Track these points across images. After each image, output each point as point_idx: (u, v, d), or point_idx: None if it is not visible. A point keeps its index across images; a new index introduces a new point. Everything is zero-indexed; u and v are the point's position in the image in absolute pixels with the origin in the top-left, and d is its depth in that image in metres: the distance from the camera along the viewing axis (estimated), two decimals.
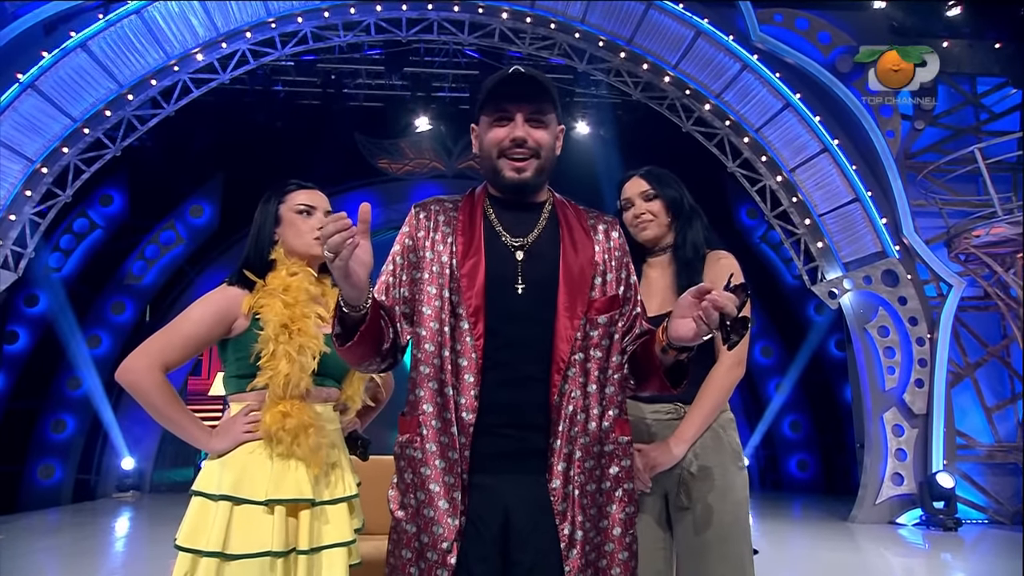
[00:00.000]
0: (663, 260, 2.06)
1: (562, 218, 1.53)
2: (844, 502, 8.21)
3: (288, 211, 1.91)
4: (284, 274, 1.85)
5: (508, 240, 1.48)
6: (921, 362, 7.68)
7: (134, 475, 9.04)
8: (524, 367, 1.40)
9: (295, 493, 1.70)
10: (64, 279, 8.87)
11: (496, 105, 1.47)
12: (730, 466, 1.94)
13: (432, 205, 1.54)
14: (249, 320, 1.80)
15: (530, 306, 1.43)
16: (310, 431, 1.75)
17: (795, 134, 8.03)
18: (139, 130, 7.34)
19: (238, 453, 1.74)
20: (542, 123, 1.48)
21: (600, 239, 1.53)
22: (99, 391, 8.58)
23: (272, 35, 7.47)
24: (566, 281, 1.44)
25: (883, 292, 7.82)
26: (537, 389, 1.39)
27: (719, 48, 7.93)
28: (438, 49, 8.95)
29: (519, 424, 1.39)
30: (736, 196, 9.94)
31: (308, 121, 9.53)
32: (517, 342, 1.41)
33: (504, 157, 1.47)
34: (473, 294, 1.40)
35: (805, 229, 8.03)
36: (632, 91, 8.25)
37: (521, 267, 1.45)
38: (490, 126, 1.48)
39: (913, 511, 7.44)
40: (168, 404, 1.76)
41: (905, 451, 7.59)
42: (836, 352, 9.93)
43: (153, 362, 1.75)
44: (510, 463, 1.38)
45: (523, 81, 1.45)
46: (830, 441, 10.26)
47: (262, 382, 1.76)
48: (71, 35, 6.91)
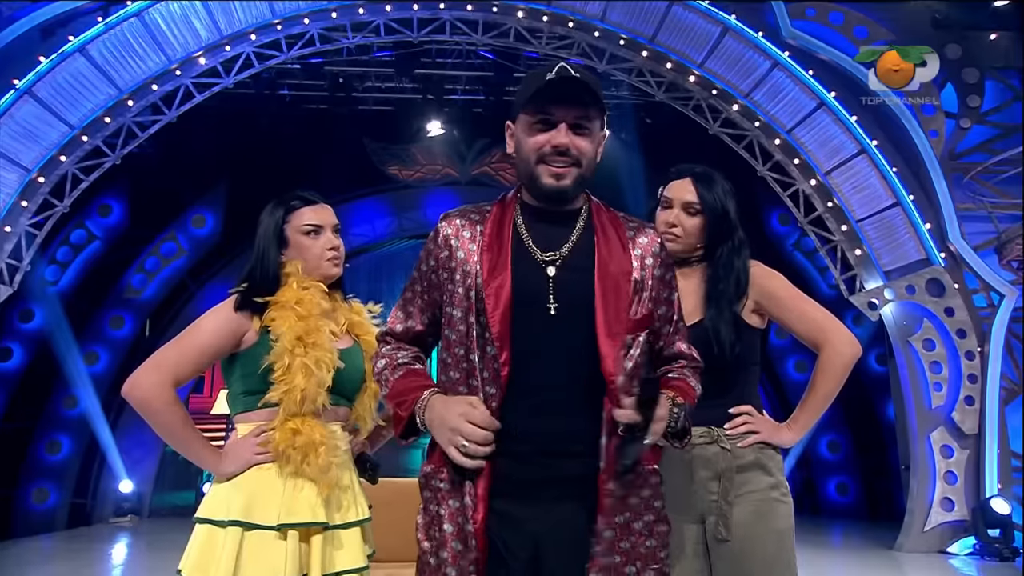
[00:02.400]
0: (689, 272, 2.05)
1: (598, 226, 1.49)
2: (889, 529, 8.04)
3: (294, 232, 1.90)
4: (295, 287, 1.85)
5: (539, 255, 1.44)
6: (971, 378, 7.54)
7: (132, 499, 9.06)
8: (557, 392, 1.38)
9: (309, 517, 1.69)
10: (61, 293, 8.96)
11: (539, 107, 1.43)
12: (771, 493, 1.90)
13: (456, 219, 1.51)
14: (259, 333, 1.79)
15: (564, 326, 1.40)
16: (320, 450, 1.74)
17: (830, 135, 7.95)
18: (139, 137, 7.43)
19: (248, 475, 1.73)
20: (586, 131, 1.44)
21: (639, 253, 1.49)
22: (96, 410, 8.62)
23: (278, 37, 7.55)
24: (603, 296, 1.41)
25: (928, 303, 7.70)
26: (574, 415, 1.37)
27: (748, 45, 7.89)
28: (451, 50, 9.00)
29: (551, 452, 1.38)
30: (767, 201, 9.86)
31: (315, 126, 9.59)
32: (551, 366, 1.38)
33: (543, 163, 1.43)
34: (498, 317, 1.37)
35: (842, 236, 7.94)
36: (655, 92, 8.23)
37: (553, 284, 1.42)
38: (530, 128, 1.44)
39: (965, 539, 7.28)
40: (180, 424, 1.75)
41: (955, 474, 7.44)
42: (877, 367, 9.77)
43: (165, 378, 1.74)
44: (539, 490, 1.37)
45: (571, 84, 1.40)
46: (872, 463, 10.09)
47: (276, 397, 1.75)
48: (69, 39, 7.01)
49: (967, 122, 8.12)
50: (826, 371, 1.96)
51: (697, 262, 2.06)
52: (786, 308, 2.02)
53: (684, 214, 2.01)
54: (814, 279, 10.27)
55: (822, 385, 1.97)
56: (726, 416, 1.94)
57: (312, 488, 1.72)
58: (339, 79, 9.13)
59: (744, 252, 2.03)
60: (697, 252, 2.04)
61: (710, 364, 1.91)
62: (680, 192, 2.03)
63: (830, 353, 1.96)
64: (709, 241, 2.02)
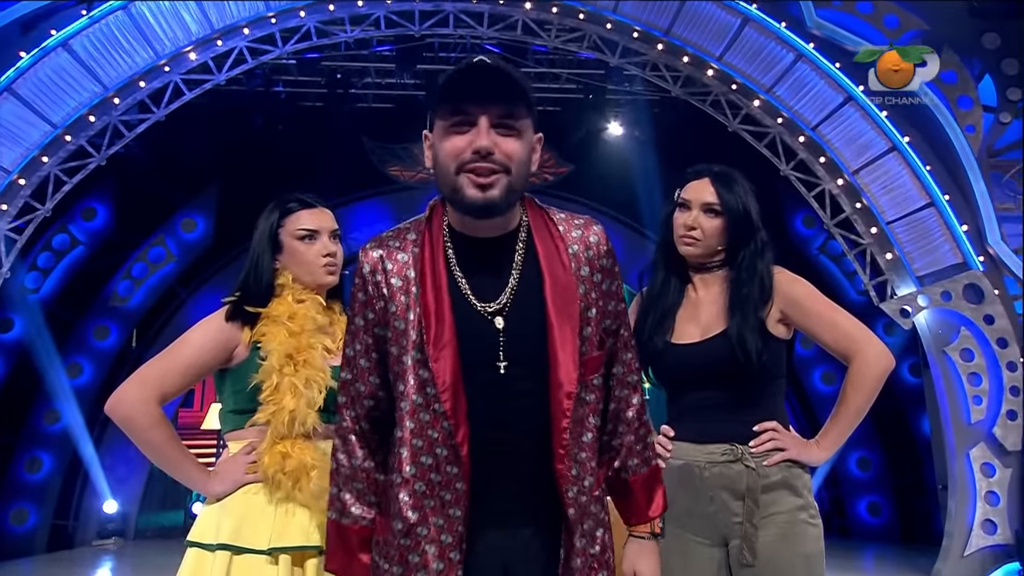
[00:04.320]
0: (710, 278, 2.04)
1: (541, 251, 1.41)
2: (925, 553, 7.96)
3: (289, 237, 1.91)
4: (290, 300, 1.85)
5: (479, 305, 1.37)
6: (1013, 390, 7.47)
7: (117, 520, 9.07)
8: (515, 455, 1.38)
9: (301, 540, 1.69)
10: (42, 301, 9.00)
11: (455, 105, 1.34)
12: (800, 515, 1.89)
13: (383, 259, 1.41)
14: (250, 349, 1.80)
15: (518, 384, 1.37)
16: (312, 473, 1.74)
17: (858, 131, 7.92)
18: (126, 137, 7.46)
19: (237, 496, 1.73)
20: (513, 130, 1.34)
21: (579, 262, 1.43)
22: (79, 426, 8.64)
23: (272, 31, 7.57)
24: (558, 344, 1.36)
25: (965, 310, 7.64)
26: (537, 472, 1.39)
27: (770, 36, 7.88)
28: (454, 44, 9.02)
29: (521, 508, 1.41)
30: (791, 202, 9.82)
31: (311, 125, 9.63)
32: (508, 433, 1.38)
33: (464, 172, 1.33)
34: (449, 391, 1.32)
35: (871, 238, 7.90)
36: (671, 87, 8.22)
37: (502, 339, 1.36)
38: (446, 133, 1.35)
39: (1010, 565, 7.18)
40: (166, 442, 1.76)
41: (997, 494, 7.36)
42: (910, 378, 9.70)
43: (150, 393, 1.75)
44: (512, 527, 1.41)
45: (488, 75, 1.32)
46: (906, 481, 10.01)
47: (263, 418, 1.75)
48: (51, 33, 7.04)
49: (1007, 116, 8.06)
50: (857, 384, 1.95)
51: (717, 267, 2.05)
52: (813, 317, 2.02)
53: (704, 216, 2.01)
54: (841, 285, 10.23)
55: (853, 399, 1.95)
56: (750, 432, 1.93)
57: (305, 511, 1.71)
58: (337, 75, 9.17)
59: (768, 254, 2.02)
60: (717, 257, 2.04)
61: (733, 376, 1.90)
62: (699, 193, 2.02)
63: (861, 365, 1.94)
64: (730, 244, 2.02)
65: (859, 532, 10.12)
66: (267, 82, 9.03)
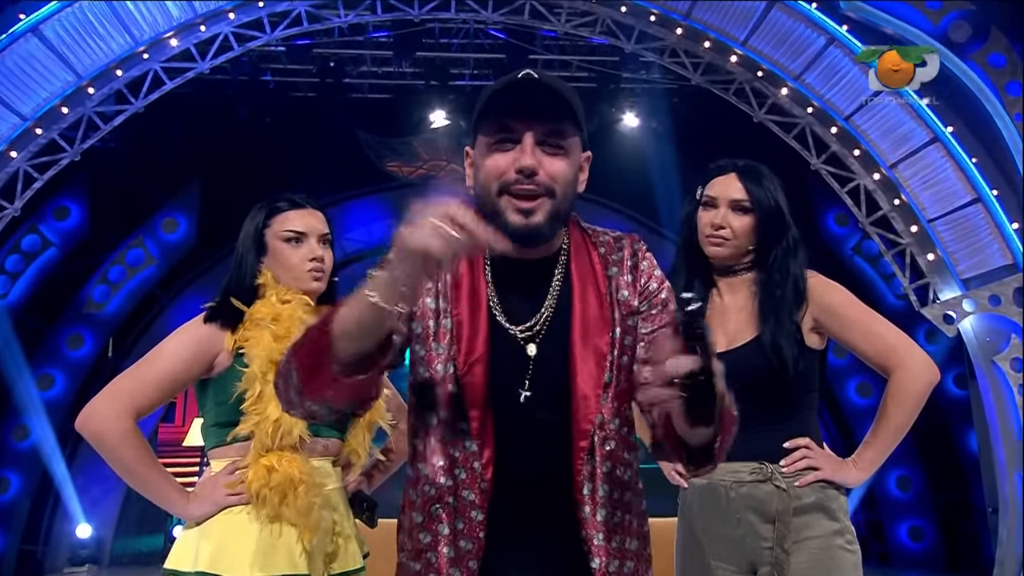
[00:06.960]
0: (737, 282, 2.03)
1: (576, 277, 1.42)
2: None
3: (274, 238, 1.92)
4: (274, 301, 1.85)
5: (510, 328, 1.38)
6: None
7: (91, 545, 9.09)
8: (537, 487, 1.37)
9: (287, 568, 1.69)
10: (10, 307, 9.03)
11: (498, 121, 1.35)
12: (835, 540, 1.89)
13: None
14: (232, 355, 1.80)
15: (537, 414, 1.37)
16: (300, 488, 1.74)
17: (896, 121, 7.91)
18: (102, 130, 7.50)
19: (218, 520, 1.73)
20: (560, 149, 1.35)
21: (617, 286, 1.43)
22: (51, 442, 8.66)
23: (260, 15, 7.61)
24: (581, 377, 1.36)
25: (1016, 315, 7.60)
26: (559, 506, 1.37)
27: (799, 19, 7.87)
28: (457, 29, 9.06)
29: (542, 543, 1.39)
30: (822, 199, 9.82)
31: (302, 117, 9.66)
32: (528, 465, 1.37)
33: (507, 194, 1.33)
34: (478, 413, 1.34)
35: (911, 238, 7.88)
36: (691, 74, 8.23)
37: (532, 367, 1.37)
38: (488, 150, 1.36)
39: None
40: (139, 460, 1.76)
41: None
42: (955, 390, 9.65)
43: (122, 408, 1.75)
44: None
45: (534, 89, 1.32)
46: (951, 503, 9.95)
47: (247, 429, 1.75)
48: (20, 18, 7.08)
49: None
50: (898, 399, 1.94)
51: (744, 270, 2.05)
52: (849, 325, 2.01)
53: (732, 213, 2.00)
54: (879, 289, 10.20)
55: (894, 416, 1.94)
56: (781, 450, 1.92)
57: (293, 534, 1.71)
58: (330, 63, 9.20)
59: (801, 254, 2.02)
60: (746, 258, 2.03)
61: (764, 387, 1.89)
62: (726, 189, 2.02)
63: (903, 378, 1.93)
64: (760, 244, 2.01)
65: (900, 559, 10.06)
66: (254, 71, 9.07)
